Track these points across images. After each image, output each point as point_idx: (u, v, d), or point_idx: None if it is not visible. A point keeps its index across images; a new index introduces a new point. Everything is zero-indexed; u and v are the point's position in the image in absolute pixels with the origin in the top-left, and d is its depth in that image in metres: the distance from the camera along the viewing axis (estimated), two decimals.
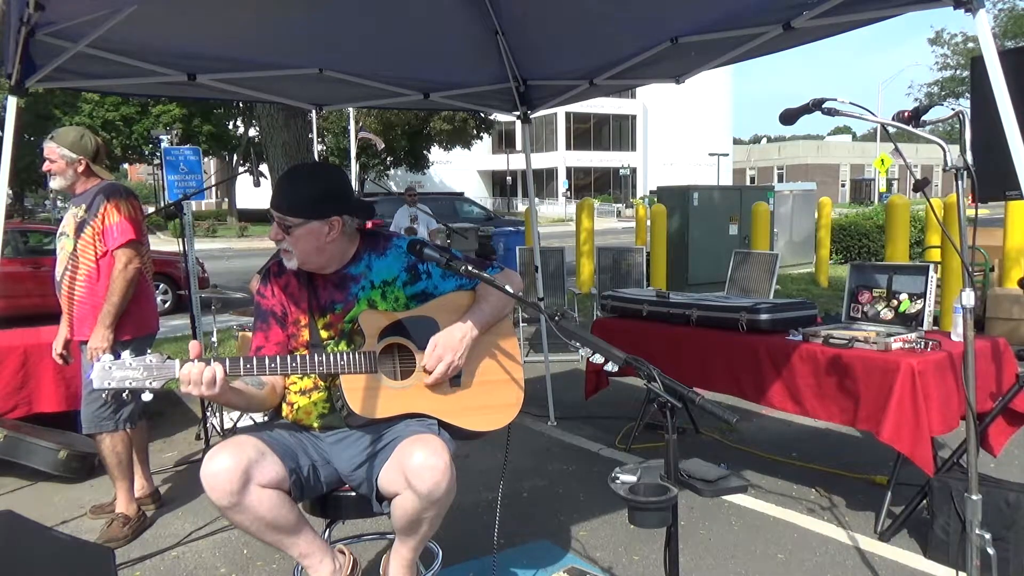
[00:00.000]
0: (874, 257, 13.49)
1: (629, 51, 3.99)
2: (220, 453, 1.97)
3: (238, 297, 4.96)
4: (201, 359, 1.89)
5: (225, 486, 1.93)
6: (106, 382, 1.83)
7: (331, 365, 2.05)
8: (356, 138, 24.57)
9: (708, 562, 3.01)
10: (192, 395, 1.90)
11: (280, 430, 2.19)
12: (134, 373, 1.85)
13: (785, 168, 56.06)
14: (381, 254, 2.27)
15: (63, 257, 3.31)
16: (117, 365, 1.84)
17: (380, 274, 2.25)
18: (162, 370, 1.87)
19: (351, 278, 2.23)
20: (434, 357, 2.14)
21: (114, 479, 3.37)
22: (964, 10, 2.34)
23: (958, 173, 2.16)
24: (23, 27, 2.88)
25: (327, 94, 4.74)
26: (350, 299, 2.22)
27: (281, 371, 2.06)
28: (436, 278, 2.29)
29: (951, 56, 32.29)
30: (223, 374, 1.90)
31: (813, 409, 3.38)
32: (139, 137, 30.72)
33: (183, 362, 1.88)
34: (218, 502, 1.96)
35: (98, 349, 3.12)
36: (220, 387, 1.90)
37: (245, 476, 1.95)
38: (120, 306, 3.20)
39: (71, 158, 3.26)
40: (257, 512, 1.99)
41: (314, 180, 2.15)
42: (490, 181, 52.70)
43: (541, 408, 4.98)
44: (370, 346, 2.13)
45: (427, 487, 1.96)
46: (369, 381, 2.10)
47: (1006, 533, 2.71)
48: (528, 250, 7.73)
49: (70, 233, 3.29)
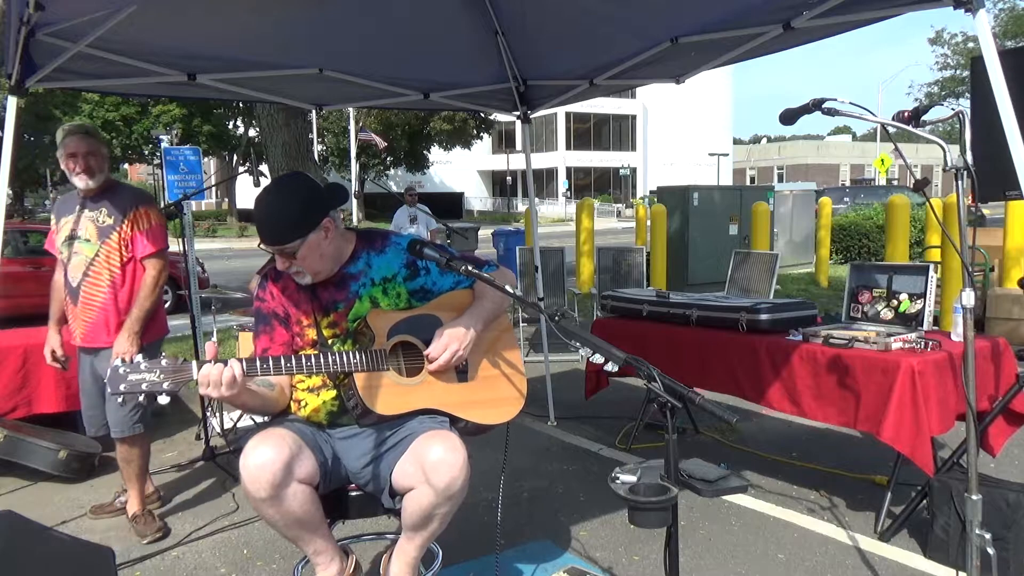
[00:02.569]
0: (874, 257, 13.49)
1: (629, 51, 3.99)
2: (262, 445, 1.96)
3: (238, 297, 4.96)
4: (218, 360, 1.88)
5: (268, 478, 1.93)
6: (121, 386, 1.81)
7: (345, 364, 2.06)
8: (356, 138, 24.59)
9: (708, 562, 3.01)
10: (211, 396, 1.88)
11: (300, 424, 2.19)
12: (150, 376, 1.83)
13: (785, 168, 56.04)
14: (380, 252, 2.29)
15: (80, 262, 3.21)
16: (132, 368, 1.83)
17: (380, 271, 2.27)
18: (179, 372, 1.85)
19: (350, 276, 2.24)
20: (440, 345, 2.16)
21: (133, 481, 3.34)
22: (964, 10, 2.34)
23: (958, 173, 2.16)
24: (23, 27, 2.88)
25: (327, 94, 4.74)
26: (351, 297, 2.23)
27: (297, 371, 2.07)
28: (434, 274, 2.32)
29: (951, 56, 32.29)
30: (241, 374, 1.90)
31: (812, 410, 3.38)
32: (139, 137, 30.72)
33: (200, 364, 1.87)
34: (256, 494, 1.95)
35: (126, 354, 3.07)
36: (239, 388, 1.90)
37: (287, 469, 1.96)
38: (150, 312, 3.19)
39: (105, 155, 3.20)
40: (291, 507, 1.99)
41: (288, 198, 2.12)
42: (490, 181, 52.69)
43: (541, 408, 4.98)
44: (380, 344, 2.15)
45: (445, 482, 1.98)
46: (381, 379, 2.12)
47: (1006, 533, 2.71)
48: (528, 250, 7.72)
49: (91, 238, 3.20)
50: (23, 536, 2.42)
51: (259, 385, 2.12)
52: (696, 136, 49.72)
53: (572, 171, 49.00)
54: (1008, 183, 2.32)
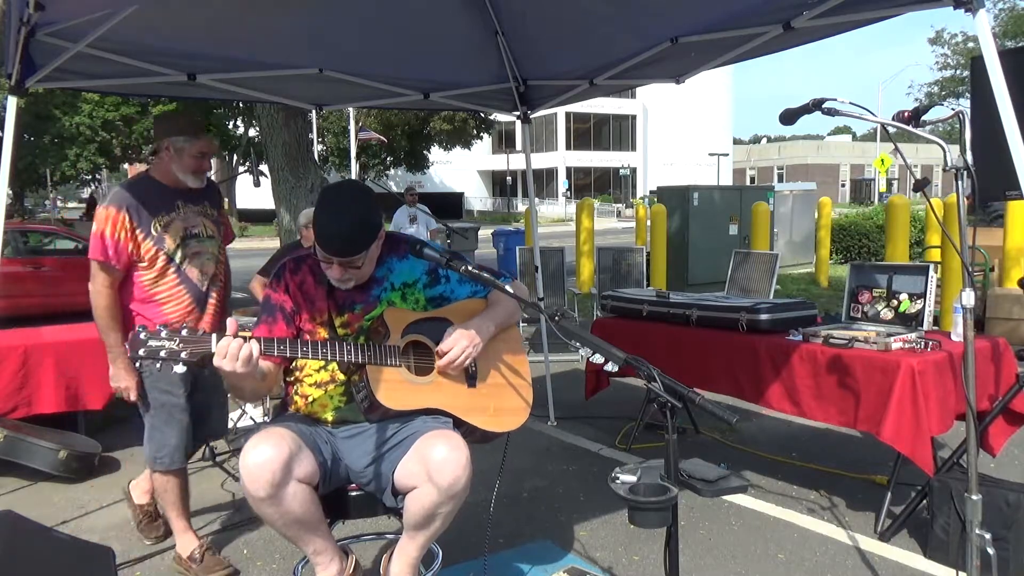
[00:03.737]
0: (874, 257, 13.49)
1: (629, 51, 3.99)
2: (262, 444, 1.96)
3: (238, 297, 4.96)
4: (238, 335, 1.89)
5: (267, 477, 1.93)
6: (141, 350, 1.81)
7: (360, 354, 2.08)
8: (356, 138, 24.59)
9: (708, 562, 3.01)
10: (224, 370, 1.87)
11: (299, 423, 2.19)
12: (169, 344, 1.83)
13: (785, 168, 56.05)
14: (402, 257, 2.30)
15: (207, 264, 2.96)
16: (153, 335, 1.82)
17: (401, 276, 2.29)
18: (198, 343, 1.85)
19: (374, 281, 2.26)
20: (451, 341, 2.18)
21: (178, 518, 3.01)
22: (964, 10, 2.34)
23: (958, 173, 2.16)
24: (23, 27, 2.88)
25: (327, 94, 4.74)
26: (371, 300, 2.25)
27: (312, 355, 2.07)
28: (453, 283, 2.36)
29: (951, 56, 32.27)
30: (259, 352, 1.91)
31: (812, 410, 3.38)
32: (139, 137, 30.70)
33: (220, 336, 1.87)
34: (255, 493, 1.95)
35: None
36: (254, 364, 1.90)
37: (287, 468, 1.96)
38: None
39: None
40: (290, 506, 1.99)
41: (357, 207, 2.09)
42: (490, 181, 52.71)
43: (541, 408, 4.98)
44: (394, 340, 2.17)
45: (448, 481, 1.99)
46: (392, 374, 2.14)
47: (1006, 533, 2.71)
48: (528, 250, 7.73)
49: (213, 234, 3.01)
50: (23, 536, 2.43)
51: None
52: (696, 136, 49.72)
53: (572, 171, 49.00)
54: (1008, 183, 2.32)
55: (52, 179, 31.92)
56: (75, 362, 4.21)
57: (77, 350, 4.23)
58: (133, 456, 4.42)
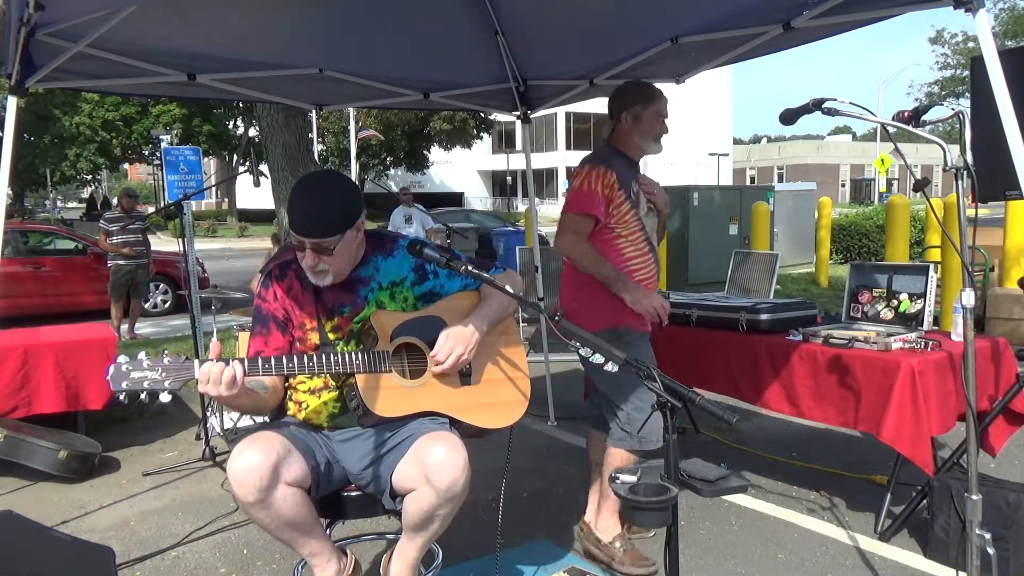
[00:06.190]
0: (874, 257, 13.49)
1: (629, 51, 3.98)
2: (249, 449, 1.95)
3: (238, 297, 4.96)
4: (220, 359, 1.85)
5: (255, 482, 1.92)
6: (123, 384, 1.78)
7: (347, 365, 2.04)
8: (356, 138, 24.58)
9: (708, 562, 3.01)
10: (210, 395, 1.85)
11: (294, 427, 2.18)
12: (152, 374, 1.80)
13: (785, 168, 56.01)
14: (388, 255, 2.28)
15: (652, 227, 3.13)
16: (135, 366, 1.79)
17: (388, 275, 2.26)
18: (180, 371, 1.83)
19: (360, 281, 2.23)
20: (446, 348, 2.15)
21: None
22: (964, 10, 2.34)
23: (958, 173, 2.16)
24: (23, 27, 2.88)
25: (327, 94, 4.74)
26: (359, 302, 2.22)
27: (299, 371, 2.05)
28: (443, 278, 2.31)
29: (951, 56, 32.31)
30: (242, 374, 1.87)
31: (812, 410, 3.37)
32: (139, 137, 30.74)
33: (202, 362, 1.84)
34: (244, 498, 1.94)
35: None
36: (239, 388, 1.86)
37: (274, 473, 1.95)
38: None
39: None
40: (280, 510, 1.98)
41: (332, 190, 2.09)
42: (490, 181, 52.67)
43: (541, 408, 4.97)
44: (383, 346, 2.13)
45: (446, 483, 1.97)
46: (384, 380, 2.11)
47: (1006, 533, 2.71)
48: (528, 250, 7.72)
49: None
50: (23, 536, 2.43)
51: (254, 386, 2.09)
52: (696, 136, 49.62)
53: (572, 171, 48.96)
54: (1008, 183, 2.32)
55: (52, 179, 31.94)
56: (75, 362, 4.21)
57: (77, 350, 4.24)
58: (133, 456, 4.43)
